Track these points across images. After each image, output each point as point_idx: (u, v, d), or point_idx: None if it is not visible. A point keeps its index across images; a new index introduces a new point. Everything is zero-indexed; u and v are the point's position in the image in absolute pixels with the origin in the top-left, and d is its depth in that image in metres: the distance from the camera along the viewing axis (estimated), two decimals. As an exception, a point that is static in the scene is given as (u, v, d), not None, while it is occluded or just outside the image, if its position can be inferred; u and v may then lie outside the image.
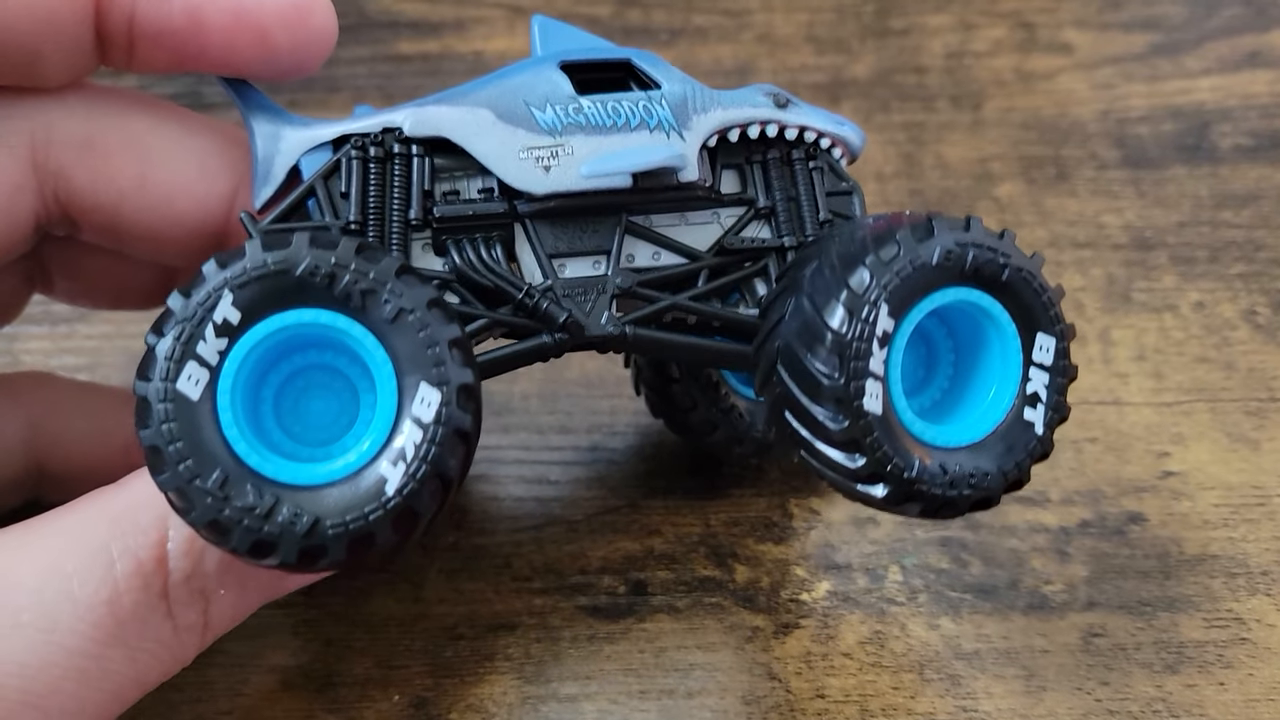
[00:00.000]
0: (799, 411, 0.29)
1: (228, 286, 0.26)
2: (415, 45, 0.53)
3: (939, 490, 0.28)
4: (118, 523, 0.27)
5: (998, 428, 0.29)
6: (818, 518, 0.39)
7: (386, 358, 0.26)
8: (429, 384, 0.26)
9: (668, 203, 0.31)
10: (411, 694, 0.35)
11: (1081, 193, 0.48)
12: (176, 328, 0.25)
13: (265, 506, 0.25)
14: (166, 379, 0.25)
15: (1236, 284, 0.45)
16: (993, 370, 0.30)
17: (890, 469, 0.28)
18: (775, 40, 0.54)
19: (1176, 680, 0.35)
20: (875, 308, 0.28)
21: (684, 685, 0.35)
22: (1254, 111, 0.50)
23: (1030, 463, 0.29)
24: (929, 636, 0.36)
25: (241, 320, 0.26)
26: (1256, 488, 0.39)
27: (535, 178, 0.30)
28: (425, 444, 0.25)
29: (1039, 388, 0.29)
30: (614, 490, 0.39)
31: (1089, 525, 0.39)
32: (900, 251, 0.28)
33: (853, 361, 0.28)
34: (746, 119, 0.32)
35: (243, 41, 0.30)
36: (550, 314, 0.30)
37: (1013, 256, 0.29)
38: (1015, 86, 0.52)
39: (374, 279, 0.26)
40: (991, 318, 0.29)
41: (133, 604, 0.27)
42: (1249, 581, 0.37)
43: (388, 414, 0.26)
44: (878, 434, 0.28)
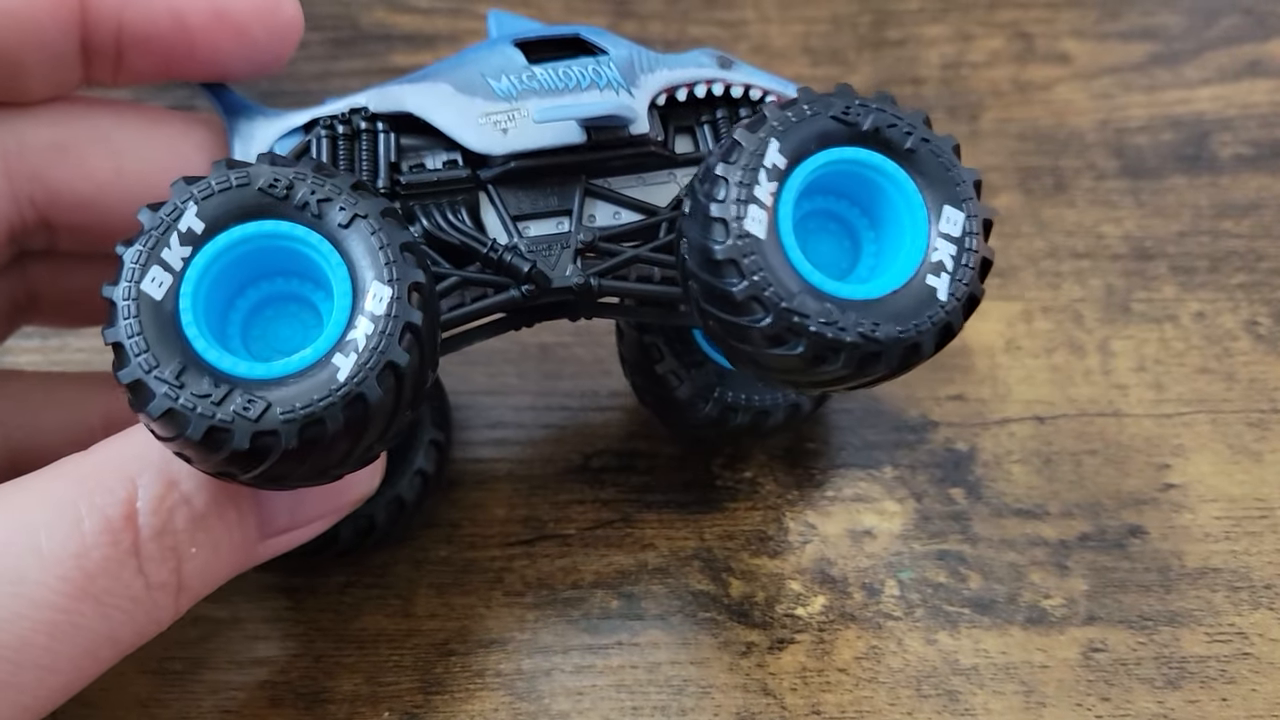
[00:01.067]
0: (692, 248, 0.29)
1: (192, 199, 0.27)
2: (409, 58, 0.53)
3: (824, 330, 0.28)
4: (84, 482, 0.28)
5: (899, 289, 0.29)
6: (813, 531, 0.38)
7: (341, 262, 0.27)
8: (380, 282, 0.27)
9: (624, 161, 0.33)
10: (402, 710, 0.34)
11: (1080, 203, 0.48)
12: (144, 236, 0.27)
13: (219, 394, 0.26)
14: (132, 280, 0.26)
15: (1237, 294, 0.44)
16: (902, 238, 0.30)
17: (768, 294, 0.28)
18: (771, 51, 0.53)
19: (1178, 696, 0.35)
20: (765, 142, 0.29)
21: (677, 701, 0.34)
22: (1254, 121, 0.50)
23: (932, 331, 0.29)
24: (926, 651, 0.36)
25: (205, 230, 0.27)
26: (1259, 500, 0.39)
27: (494, 139, 0.32)
28: (376, 335, 0.26)
29: (944, 257, 0.29)
30: (607, 504, 0.39)
31: (1089, 538, 0.38)
32: (798, 103, 0.29)
33: (739, 187, 0.28)
34: (692, 78, 0.33)
35: (225, 39, 0.30)
36: (515, 266, 0.31)
37: (919, 129, 0.30)
38: (1013, 97, 0.51)
39: (329, 188, 0.27)
40: (895, 182, 0.30)
41: (102, 559, 0.27)
42: (1252, 595, 0.37)
43: (343, 314, 0.27)
44: (757, 255, 0.28)
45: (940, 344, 0.29)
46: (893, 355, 0.28)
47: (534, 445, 0.40)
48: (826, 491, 0.39)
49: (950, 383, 0.42)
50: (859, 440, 0.40)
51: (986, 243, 0.30)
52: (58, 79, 0.31)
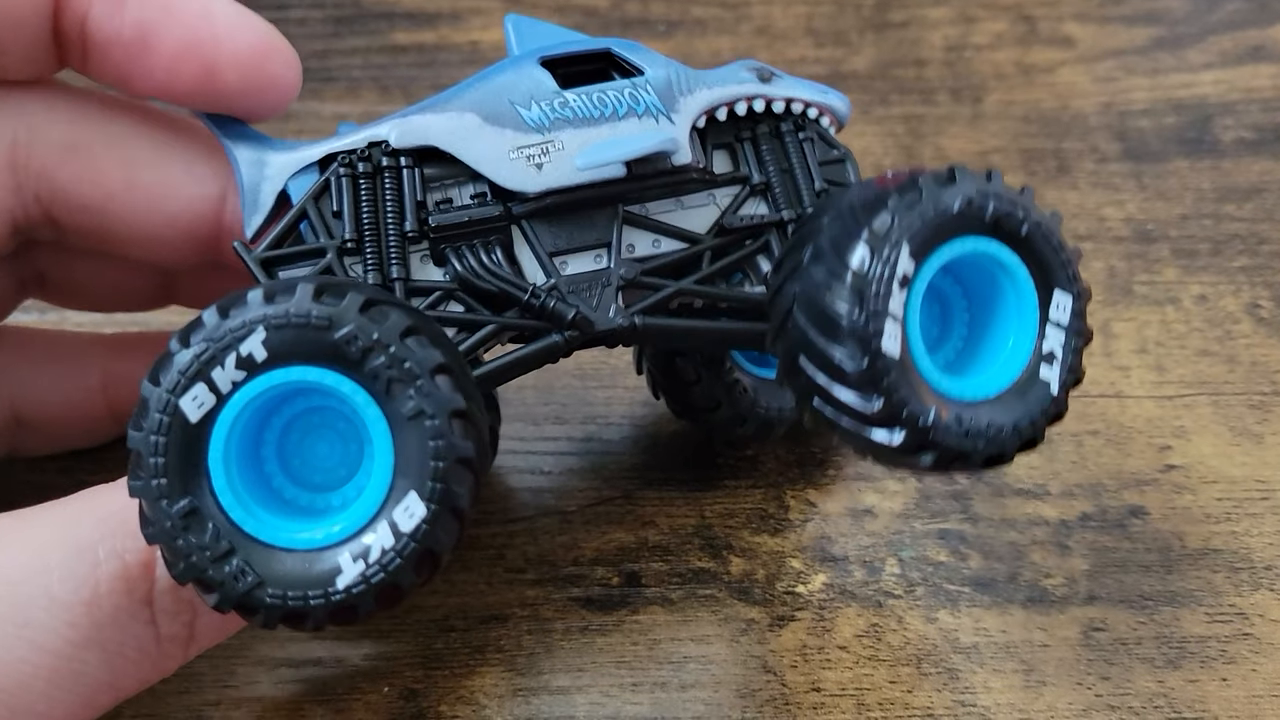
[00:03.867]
0: (814, 354, 0.28)
1: (264, 323, 0.25)
2: (411, 36, 0.53)
3: (954, 441, 0.28)
4: (107, 522, 0.27)
5: (1014, 384, 0.29)
6: (814, 510, 0.38)
7: (390, 449, 0.25)
8: (419, 496, 0.25)
9: (662, 189, 0.31)
10: (402, 685, 0.34)
11: (1083, 186, 0.47)
12: (201, 344, 0.25)
13: (217, 551, 0.25)
14: (173, 391, 0.25)
15: (1239, 277, 0.44)
16: (1009, 327, 0.29)
17: (906, 413, 0.27)
18: (774, 33, 0.53)
19: (1178, 675, 0.35)
20: (897, 248, 0.27)
21: (677, 678, 0.34)
22: (1256, 105, 0.50)
23: (1045, 422, 0.29)
24: (927, 630, 0.36)
25: (266, 360, 0.25)
26: (1259, 481, 0.39)
27: (528, 176, 0.30)
28: (392, 554, 0.25)
29: (1055, 346, 0.29)
30: (608, 481, 0.39)
31: (1090, 518, 0.38)
32: (923, 195, 0.28)
33: (873, 300, 0.27)
34: (733, 96, 0.32)
35: (187, 71, 0.29)
36: (558, 312, 0.30)
37: (1032, 211, 0.29)
38: (1016, 80, 0.51)
39: (407, 369, 0.25)
40: (1008, 271, 0.29)
41: (113, 607, 0.26)
42: (1252, 576, 0.37)
43: (370, 503, 0.25)
44: (895, 375, 0.27)
45: (1049, 427, 0.29)
46: (1011, 451, 0.29)
47: (535, 423, 0.40)
48: (828, 470, 0.39)
49: (952, 363, 0.42)
50: (860, 420, 0.40)
51: (1086, 321, 0.30)
52: (35, 61, 0.30)
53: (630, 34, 0.53)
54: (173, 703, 0.34)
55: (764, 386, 0.37)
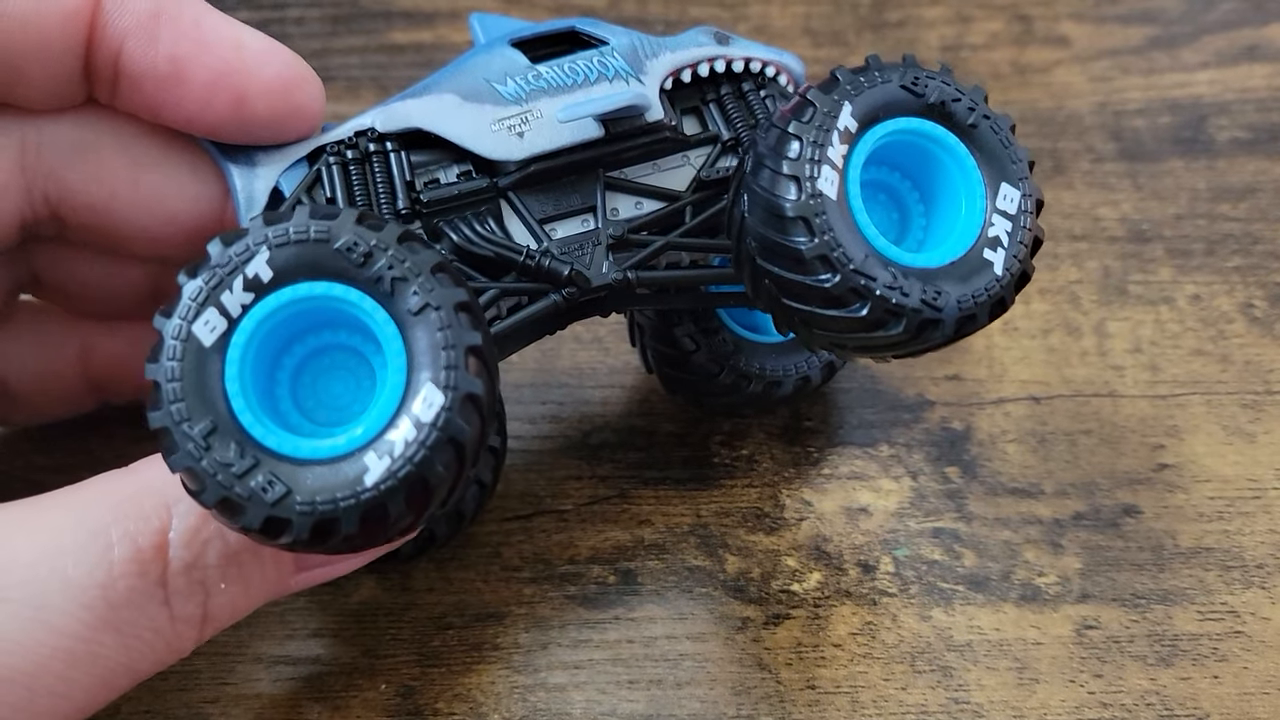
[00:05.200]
0: (770, 250, 0.29)
1: (267, 244, 0.26)
2: (409, 35, 0.53)
3: (888, 294, 0.28)
4: (120, 506, 0.27)
5: (958, 259, 0.29)
6: (809, 509, 0.38)
7: (402, 349, 0.26)
8: (435, 385, 0.25)
9: (639, 150, 0.32)
10: (399, 683, 0.35)
11: (1078, 185, 0.48)
12: (208, 272, 0.25)
13: (242, 466, 0.25)
14: (185, 318, 0.25)
15: (1233, 277, 0.45)
16: (957, 211, 0.30)
17: (836, 255, 0.28)
18: (772, 33, 0.53)
19: (1170, 673, 0.35)
20: (839, 104, 0.29)
21: (673, 675, 0.35)
22: (1251, 105, 0.50)
23: (988, 302, 0.29)
24: (921, 628, 0.36)
25: (272, 279, 0.26)
26: (1252, 480, 0.39)
27: (512, 145, 0.31)
28: (416, 445, 0.25)
29: (1000, 233, 0.30)
30: (604, 480, 0.39)
31: (1083, 517, 0.38)
32: (871, 68, 0.30)
33: (811, 147, 0.28)
34: (695, 58, 0.33)
35: (219, 102, 0.30)
36: (554, 270, 0.31)
37: (981, 105, 0.30)
38: (1012, 79, 0.51)
39: (408, 267, 0.26)
40: (955, 156, 0.30)
41: (127, 589, 0.27)
42: (1244, 574, 0.37)
43: (389, 405, 0.25)
44: (827, 215, 0.28)
45: (993, 316, 0.30)
46: (950, 324, 0.29)
47: (532, 422, 0.41)
48: (823, 469, 0.39)
49: (947, 363, 0.42)
50: (856, 419, 0.41)
51: (1037, 221, 0.30)
52: (59, 93, 0.30)
53: (627, 33, 0.54)
54: (171, 699, 0.34)
55: (759, 350, 0.37)
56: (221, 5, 0.31)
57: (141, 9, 0.29)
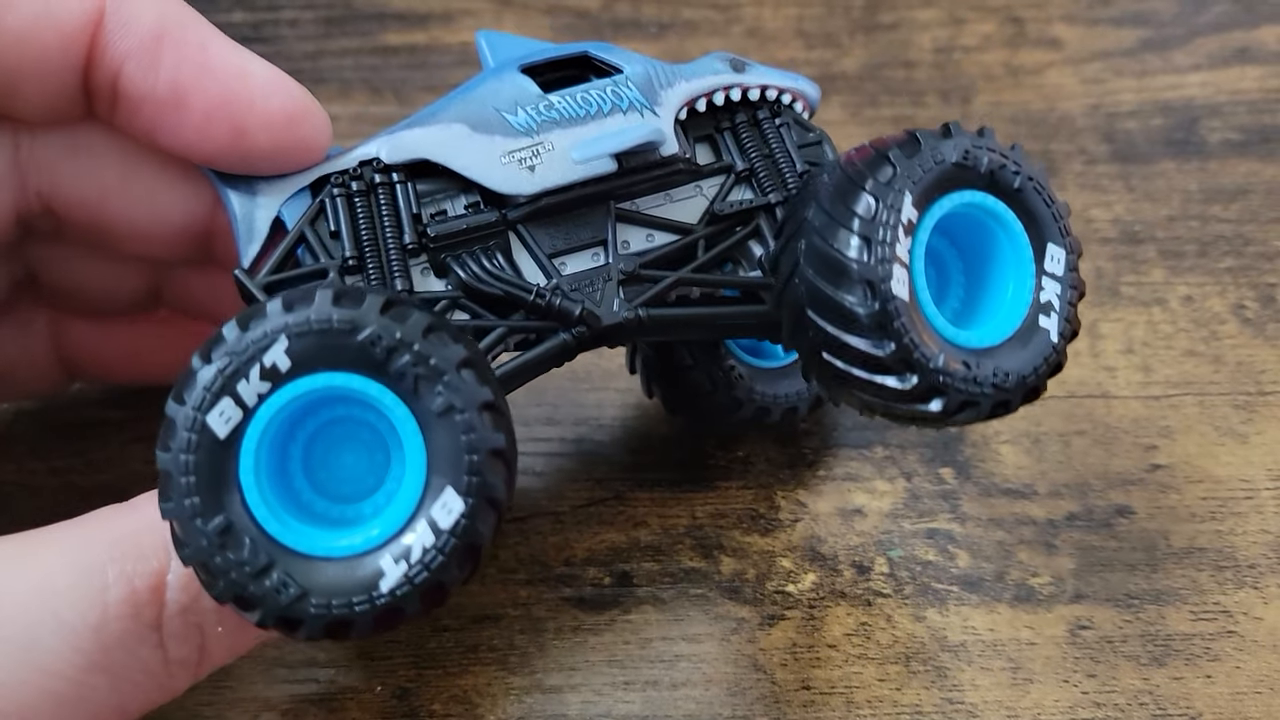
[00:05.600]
0: (823, 304, 0.28)
1: (286, 332, 0.25)
2: (402, 37, 0.53)
3: (963, 386, 0.28)
4: (119, 544, 0.27)
5: (1015, 333, 0.29)
6: (804, 510, 0.39)
7: (422, 448, 0.25)
8: (456, 491, 0.25)
9: (650, 183, 0.32)
10: (394, 685, 0.35)
11: (1070, 187, 0.48)
12: (224, 359, 0.24)
13: (257, 566, 0.24)
14: (199, 409, 0.24)
15: (1225, 278, 0.45)
16: (1006, 278, 0.30)
17: (917, 357, 0.28)
18: (764, 34, 0.54)
19: (1163, 673, 0.35)
20: (900, 195, 0.28)
21: (669, 676, 0.35)
22: (1242, 107, 0.50)
23: (1047, 372, 0.29)
24: (915, 628, 0.36)
25: (290, 369, 0.25)
26: (1244, 481, 0.39)
27: (522, 179, 0.30)
28: (433, 551, 0.25)
29: (1051, 297, 0.30)
30: (600, 482, 0.39)
31: (1076, 518, 0.38)
32: (923, 148, 0.29)
33: (880, 246, 0.28)
34: (710, 87, 0.32)
35: (218, 131, 0.29)
36: (564, 309, 0.30)
37: (1025, 167, 0.30)
38: (1004, 81, 0.52)
39: (433, 366, 0.25)
40: (1003, 223, 0.30)
41: (120, 631, 0.26)
42: (1236, 574, 0.37)
43: (406, 504, 0.25)
44: (904, 319, 0.28)
45: (1050, 378, 0.30)
46: (1016, 400, 0.29)
47: (527, 424, 0.41)
48: (818, 470, 0.39)
49: (940, 364, 0.42)
50: (850, 420, 0.41)
51: (1079, 274, 0.30)
52: (55, 110, 0.30)
53: (621, 35, 0.54)
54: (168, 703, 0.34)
55: (757, 374, 0.37)
56: (216, 7, 0.31)
57: (144, 31, 0.29)
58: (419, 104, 0.50)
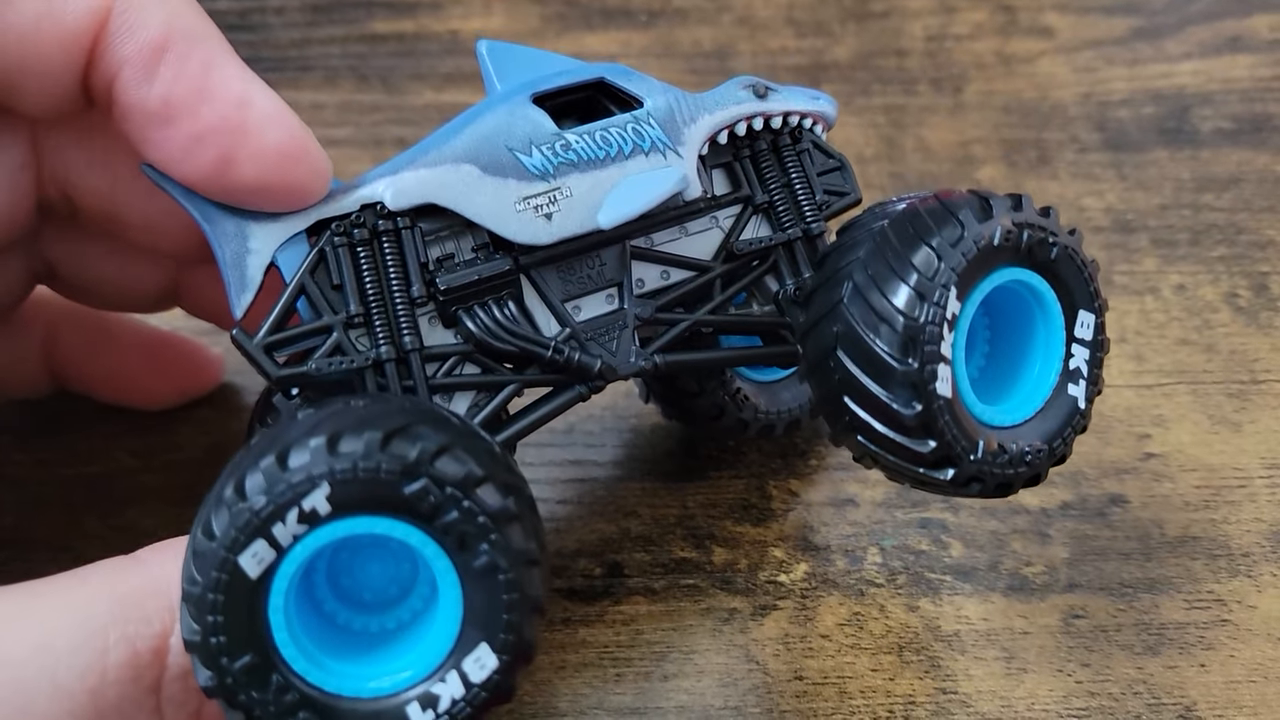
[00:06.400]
0: (862, 396, 0.28)
1: (329, 479, 0.23)
2: (390, 25, 0.52)
3: (999, 470, 0.28)
4: (122, 604, 0.26)
5: (1045, 405, 0.29)
6: (796, 499, 0.38)
7: (460, 599, 0.24)
8: (491, 648, 0.24)
9: (668, 220, 0.31)
10: (383, 677, 0.34)
11: (1063, 176, 0.48)
12: (260, 498, 0.23)
13: (282, 707, 0.23)
14: (231, 549, 0.23)
15: (1218, 267, 0.45)
16: (1037, 349, 0.30)
17: (958, 452, 0.28)
18: (755, 23, 0.53)
19: (1157, 662, 0.35)
20: (945, 290, 0.27)
21: (660, 668, 0.34)
22: (1234, 95, 0.50)
23: (1074, 437, 0.30)
24: (908, 618, 0.36)
25: (329, 514, 0.23)
26: (1237, 469, 0.39)
27: (539, 228, 0.29)
28: (462, 703, 0.24)
29: (1080, 363, 0.30)
30: (590, 473, 0.39)
31: (1070, 507, 0.38)
32: (964, 233, 0.28)
33: (925, 346, 0.27)
34: (734, 118, 0.31)
35: (203, 156, 0.27)
36: (583, 365, 0.29)
37: (1060, 235, 0.29)
38: (996, 70, 0.51)
39: (481, 525, 0.24)
40: (1039, 297, 0.29)
41: (118, 697, 0.25)
42: (1230, 563, 0.37)
43: (438, 651, 0.24)
44: (949, 418, 0.27)
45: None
46: (1046, 470, 0.29)
47: (516, 414, 0.40)
48: (810, 460, 0.39)
49: (933, 353, 0.42)
50: (842, 410, 0.40)
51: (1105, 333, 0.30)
52: (55, 108, 0.29)
53: (612, 24, 0.53)
54: None
55: (763, 390, 0.37)
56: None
57: (147, 40, 0.27)
58: (407, 92, 0.50)
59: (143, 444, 0.39)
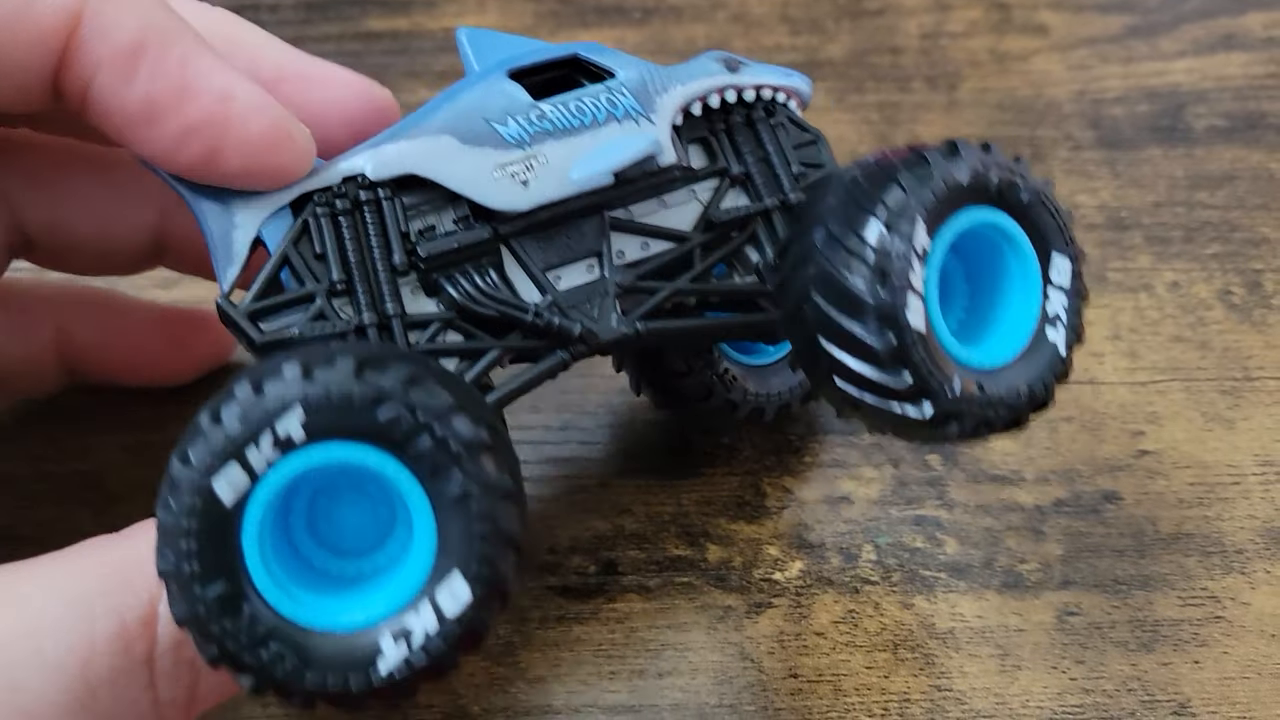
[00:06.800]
0: (837, 334, 0.28)
1: (303, 403, 0.23)
2: (384, 22, 0.52)
3: (978, 409, 0.28)
4: (108, 578, 0.25)
5: (1025, 350, 0.29)
6: (791, 497, 0.38)
7: (433, 528, 0.24)
8: (464, 578, 0.24)
9: (645, 191, 0.31)
10: (377, 675, 0.34)
11: (1057, 173, 0.48)
12: (235, 423, 0.23)
13: (255, 636, 0.23)
14: (205, 473, 0.23)
15: (1211, 264, 0.45)
16: (1013, 294, 0.30)
17: (934, 386, 0.27)
18: (750, 20, 0.53)
19: (1151, 659, 0.35)
20: (913, 222, 0.28)
21: (655, 665, 0.34)
22: (1228, 93, 0.50)
23: (1055, 383, 0.29)
24: (903, 616, 0.36)
25: (304, 440, 0.24)
26: (1231, 466, 0.39)
27: (515, 194, 0.29)
28: (436, 638, 0.24)
29: (1058, 309, 0.29)
30: (584, 469, 0.39)
31: (1064, 504, 0.38)
32: (933, 171, 0.28)
33: (895, 276, 0.27)
34: (706, 89, 0.31)
35: (191, 152, 0.27)
36: (564, 329, 0.29)
37: (1030, 179, 0.29)
38: (991, 67, 0.51)
39: (454, 452, 0.24)
40: (1011, 240, 0.29)
41: (109, 670, 0.25)
42: (1224, 560, 0.37)
43: (412, 581, 0.24)
44: (921, 349, 0.27)
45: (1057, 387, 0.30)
46: (1027, 415, 0.29)
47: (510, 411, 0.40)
48: (804, 457, 0.39)
49: (927, 350, 0.42)
50: (836, 407, 0.40)
51: (1082, 280, 0.30)
52: (23, 107, 0.29)
53: (606, 21, 0.53)
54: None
55: (750, 373, 0.37)
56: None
57: (122, 40, 0.27)
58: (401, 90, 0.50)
59: (135, 439, 0.39)
